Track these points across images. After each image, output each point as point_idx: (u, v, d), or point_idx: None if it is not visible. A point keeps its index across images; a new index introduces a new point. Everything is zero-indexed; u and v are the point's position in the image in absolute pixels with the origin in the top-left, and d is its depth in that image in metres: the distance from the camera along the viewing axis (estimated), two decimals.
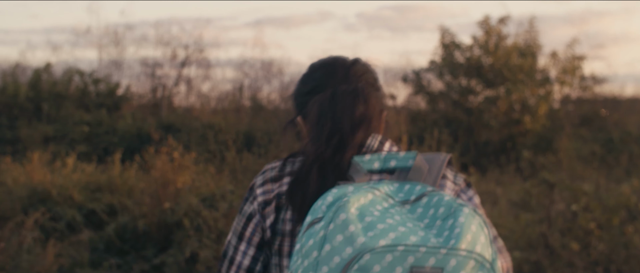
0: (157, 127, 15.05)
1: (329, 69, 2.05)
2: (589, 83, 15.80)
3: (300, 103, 2.06)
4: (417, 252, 1.58)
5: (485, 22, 15.09)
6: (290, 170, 1.95)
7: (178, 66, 19.78)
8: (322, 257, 1.60)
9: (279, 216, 1.91)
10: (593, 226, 6.55)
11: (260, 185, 1.95)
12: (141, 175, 9.56)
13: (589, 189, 6.79)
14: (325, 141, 1.89)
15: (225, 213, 6.70)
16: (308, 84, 2.06)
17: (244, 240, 1.95)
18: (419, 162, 1.88)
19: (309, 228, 1.66)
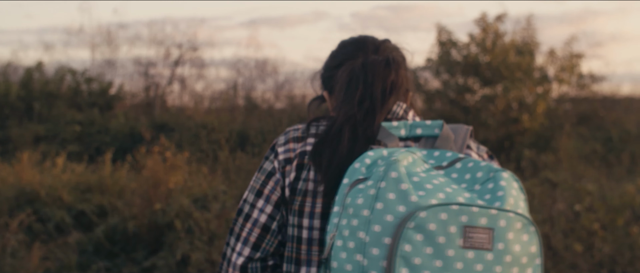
0: (150, 126, 14.89)
1: (360, 45, 2.06)
2: (587, 81, 15.60)
3: (328, 77, 2.08)
4: (470, 211, 1.58)
5: (482, 19, 14.88)
6: (315, 132, 1.93)
7: (171, 65, 19.63)
8: (374, 215, 1.58)
9: (300, 176, 1.88)
10: (597, 226, 6.35)
11: (283, 144, 1.94)
12: (133, 175, 9.35)
13: (592, 189, 6.58)
14: (357, 105, 1.88)
15: (217, 214, 6.49)
16: (337, 58, 2.07)
17: (261, 197, 1.92)
18: (446, 131, 1.88)
19: (351, 188, 1.64)
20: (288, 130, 1.99)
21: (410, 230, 1.54)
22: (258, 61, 20.81)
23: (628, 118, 15.32)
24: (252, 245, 1.93)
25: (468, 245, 1.58)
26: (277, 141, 1.97)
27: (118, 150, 12.95)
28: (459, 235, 1.57)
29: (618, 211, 6.31)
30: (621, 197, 6.53)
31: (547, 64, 15.19)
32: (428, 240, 1.55)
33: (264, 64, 19.86)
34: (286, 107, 17.26)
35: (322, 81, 2.13)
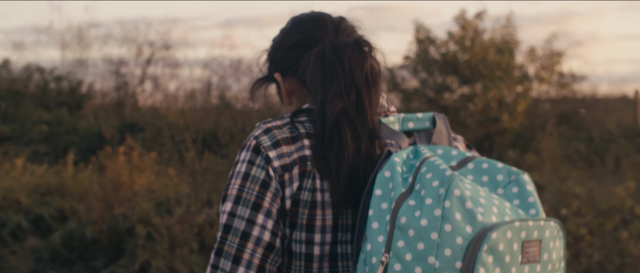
0: (120, 126, 14.50)
1: (318, 23, 1.87)
2: (568, 80, 15.30)
3: (282, 58, 1.88)
4: (527, 226, 1.55)
5: (461, 16, 14.53)
6: (306, 131, 1.73)
7: (143, 64, 19.25)
8: (443, 238, 1.50)
9: (304, 185, 1.68)
10: (584, 231, 5.99)
11: (272, 147, 1.70)
12: (96, 177, 8.90)
13: (580, 192, 6.21)
14: (345, 96, 1.72)
15: (180, 220, 6.06)
16: (292, 36, 1.87)
17: (260, 211, 1.67)
18: (440, 124, 1.80)
19: (399, 204, 1.55)
20: (267, 127, 1.74)
21: (484, 252, 1.49)
22: (233, 60, 20.48)
23: (608, 117, 15.07)
24: (257, 267, 1.68)
25: (525, 260, 1.56)
26: (260, 142, 1.71)
27: (86, 151, 12.56)
28: (519, 252, 1.55)
29: (607, 216, 5.94)
30: (610, 201, 6.16)
31: (528, 62, 14.88)
32: (497, 260, 1.51)
33: (238, 63, 19.54)
34: (261, 107, 16.92)
35: (272, 61, 1.92)
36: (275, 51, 1.91)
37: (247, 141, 1.73)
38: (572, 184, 6.61)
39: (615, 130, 13.87)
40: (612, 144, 12.88)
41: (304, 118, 1.77)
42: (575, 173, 9.17)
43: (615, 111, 15.91)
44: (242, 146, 1.75)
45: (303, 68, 1.82)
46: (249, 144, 1.72)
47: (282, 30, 1.93)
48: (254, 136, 1.73)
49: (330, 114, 1.70)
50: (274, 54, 1.91)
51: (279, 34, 1.93)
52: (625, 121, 15.12)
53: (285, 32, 1.91)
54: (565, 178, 8.93)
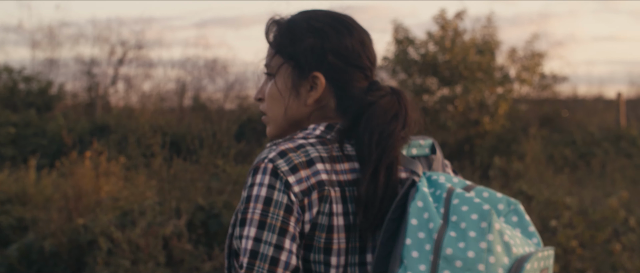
0: (90, 128, 14.09)
1: (366, 40, 1.90)
2: (549, 82, 15.00)
3: (339, 66, 1.85)
4: (544, 256, 1.67)
5: (441, 16, 14.19)
6: (319, 155, 1.75)
7: (115, 64, 18.81)
8: (488, 269, 1.61)
9: (322, 209, 1.72)
10: (575, 244, 5.64)
11: (291, 171, 1.71)
12: (61, 183, 8.45)
13: (571, 202, 5.86)
14: (391, 132, 1.77)
15: (144, 232, 5.65)
16: (361, 54, 1.87)
17: (287, 236, 1.70)
18: (438, 151, 1.90)
19: (441, 235, 1.64)
20: (281, 150, 1.74)
21: None
22: (207, 60, 20.11)
23: (590, 120, 14.81)
24: None
25: None
26: (278, 166, 1.72)
27: (55, 154, 12.14)
28: None
29: (599, 227, 5.59)
30: (603, 211, 5.81)
31: (509, 64, 14.58)
32: None
33: (213, 63, 19.17)
34: (236, 108, 16.58)
35: (320, 59, 1.85)
36: (332, 52, 1.85)
37: (260, 164, 1.72)
38: (562, 194, 6.27)
39: (598, 133, 13.60)
40: (595, 148, 12.61)
41: (313, 140, 1.78)
42: (561, 179, 8.83)
43: (595, 113, 15.65)
44: (255, 168, 1.73)
45: (354, 94, 1.82)
46: (264, 167, 1.71)
47: (331, 24, 1.87)
48: (268, 158, 1.72)
49: (374, 147, 1.74)
50: (327, 52, 1.85)
51: (334, 32, 1.86)
52: (607, 123, 14.87)
53: (337, 29, 1.86)
54: (550, 183, 8.60)
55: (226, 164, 7.47)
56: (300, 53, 1.86)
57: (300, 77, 1.85)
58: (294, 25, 1.90)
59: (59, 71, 19.16)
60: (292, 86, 1.86)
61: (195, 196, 6.94)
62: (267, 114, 1.92)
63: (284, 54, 1.88)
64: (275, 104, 1.89)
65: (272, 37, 1.94)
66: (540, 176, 8.81)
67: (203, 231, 6.52)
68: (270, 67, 1.92)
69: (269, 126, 1.93)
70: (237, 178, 7.29)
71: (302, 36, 1.87)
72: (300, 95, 1.86)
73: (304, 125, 1.88)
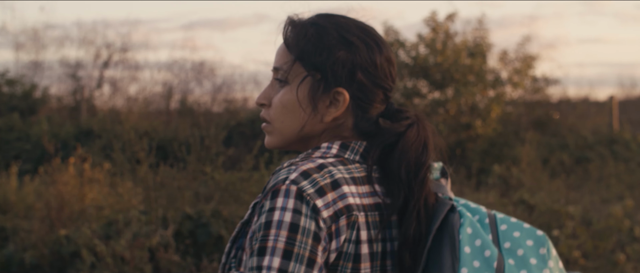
0: (75, 133, 13.85)
1: (392, 58, 1.78)
2: (541, 85, 14.81)
3: (367, 86, 1.72)
4: None
5: (432, 18, 13.98)
6: (343, 176, 1.63)
7: (101, 66, 18.55)
8: None
9: (349, 237, 1.59)
10: (577, 254, 5.42)
11: (317, 194, 1.57)
12: (44, 191, 8.17)
13: (574, 211, 5.64)
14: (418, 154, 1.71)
15: (129, 244, 5.40)
16: (375, 60, 1.72)
17: (315, 268, 1.56)
18: (447, 174, 1.85)
19: (503, 265, 1.59)
20: (303, 170, 1.60)
21: None
22: (194, 62, 19.88)
23: (583, 123, 14.63)
24: None
25: None
26: (303, 188, 1.56)
27: (39, 159, 11.88)
28: None
29: (603, 237, 5.37)
30: (607, 221, 5.60)
31: (500, 66, 14.38)
32: None
33: (201, 66, 18.95)
34: (223, 111, 16.37)
35: (350, 73, 1.70)
36: (361, 69, 1.70)
37: (280, 185, 1.57)
38: (564, 203, 6.06)
39: (591, 137, 13.43)
40: (588, 152, 12.43)
41: (332, 160, 1.66)
42: (557, 184, 8.63)
43: (588, 116, 15.48)
44: (275, 191, 1.57)
45: (374, 115, 1.72)
46: (286, 189, 1.56)
47: (368, 45, 1.72)
48: (291, 180, 1.57)
49: (425, 189, 1.68)
50: (357, 68, 1.70)
51: (365, 46, 1.71)
52: (600, 126, 14.70)
53: (369, 46, 1.72)
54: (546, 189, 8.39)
55: (215, 171, 7.22)
56: (329, 66, 1.69)
57: (323, 91, 1.70)
58: (324, 34, 1.72)
59: (44, 74, 19.00)
60: (311, 99, 1.70)
61: (183, 204, 6.70)
62: (273, 123, 1.75)
63: (308, 63, 1.71)
64: (287, 116, 1.72)
65: (292, 41, 1.74)
66: (537, 181, 8.60)
67: (191, 241, 6.28)
68: (286, 73, 1.73)
69: (272, 136, 1.77)
70: (225, 185, 7.05)
71: (332, 47, 1.70)
72: (317, 110, 1.70)
73: (313, 142, 1.76)
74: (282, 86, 1.73)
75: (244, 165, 7.34)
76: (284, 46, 1.75)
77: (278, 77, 1.74)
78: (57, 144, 7.90)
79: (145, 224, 5.95)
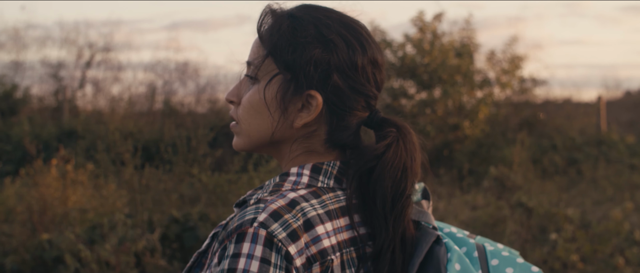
0: (57, 133, 13.65)
1: (379, 59, 1.57)
2: (529, 85, 14.72)
3: (331, 82, 1.50)
4: None
5: (419, 18, 13.86)
6: (317, 214, 1.43)
7: (83, 66, 18.36)
8: None
9: None
10: (575, 258, 5.29)
11: (289, 238, 1.37)
12: (25, 194, 7.96)
13: (573, 215, 5.51)
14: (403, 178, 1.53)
15: (114, 249, 5.22)
16: (356, 61, 1.51)
17: None
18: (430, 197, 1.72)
19: None
20: (272, 210, 1.39)
21: None
22: (178, 63, 19.71)
23: (570, 124, 14.56)
24: None
25: None
26: (274, 233, 1.36)
27: (20, 160, 11.67)
28: None
29: (602, 241, 5.24)
30: (606, 224, 5.47)
31: (488, 67, 14.28)
32: None
33: (185, 66, 18.78)
34: (207, 112, 16.20)
35: (319, 72, 1.49)
36: (338, 71, 1.50)
37: (246, 228, 1.37)
38: (563, 206, 5.93)
39: (579, 138, 13.35)
40: (576, 153, 12.35)
41: (304, 192, 1.45)
42: (550, 186, 8.51)
43: (575, 117, 15.42)
44: (240, 234, 1.37)
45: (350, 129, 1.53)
46: (255, 233, 1.36)
47: (349, 43, 1.52)
48: (259, 222, 1.38)
49: (403, 221, 1.50)
50: (333, 70, 1.49)
51: (345, 45, 1.50)
52: (587, 127, 14.64)
53: (350, 46, 1.51)
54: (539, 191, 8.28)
55: (202, 173, 7.04)
56: (300, 65, 1.49)
57: (294, 92, 1.49)
58: (299, 28, 1.51)
59: (25, 74, 18.83)
60: (280, 101, 1.50)
61: (169, 207, 6.52)
62: (240, 123, 1.56)
63: (279, 60, 1.51)
64: (254, 117, 1.53)
65: (265, 33, 1.53)
66: (529, 183, 8.48)
67: (178, 245, 6.10)
68: (256, 70, 1.53)
69: (239, 138, 1.58)
70: (213, 187, 6.87)
71: (307, 44, 1.49)
72: (287, 113, 1.50)
73: (283, 149, 1.56)
74: (252, 83, 1.55)
75: (231, 167, 7.16)
76: (258, 38, 1.56)
77: (249, 73, 1.56)
78: (39, 145, 7.67)
79: (131, 228, 5.77)
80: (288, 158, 1.55)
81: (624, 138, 13.55)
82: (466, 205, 8.58)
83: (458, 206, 8.61)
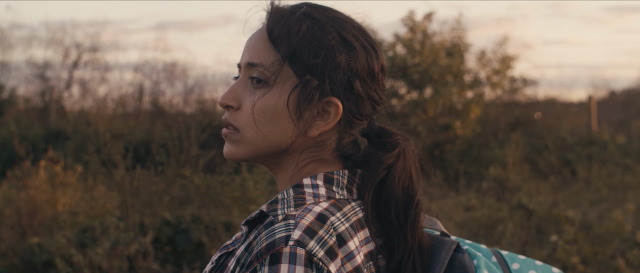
0: (44, 134, 13.51)
1: (385, 65, 1.54)
2: (519, 85, 14.67)
3: (353, 89, 1.43)
4: None
5: (409, 18, 13.78)
6: (346, 229, 1.33)
7: (70, 67, 18.22)
8: None
9: None
10: (576, 260, 5.21)
11: (329, 257, 1.26)
12: (13, 196, 7.82)
13: (574, 216, 5.43)
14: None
15: (107, 254, 5.10)
16: (373, 67, 1.46)
17: None
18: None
19: None
20: (306, 226, 1.29)
21: None
22: (166, 63, 19.61)
23: (561, 124, 14.53)
24: None
25: None
26: (312, 251, 1.26)
27: (7, 162, 11.55)
28: None
29: (603, 243, 5.16)
30: (607, 226, 5.40)
31: (479, 67, 14.22)
32: None
33: (172, 67, 18.67)
34: (196, 112, 16.10)
35: (339, 79, 1.41)
36: (359, 77, 1.43)
37: (281, 247, 1.26)
38: (561, 207, 5.86)
39: (570, 138, 13.31)
40: (567, 153, 12.30)
41: (325, 204, 1.36)
42: (544, 187, 8.44)
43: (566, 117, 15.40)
44: (275, 254, 1.25)
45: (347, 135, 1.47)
46: (292, 252, 1.25)
47: (366, 48, 1.46)
48: (295, 240, 1.26)
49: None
50: (355, 76, 1.43)
51: (363, 51, 1.45)
52: (578, 127, 14.62)
53: (368, 56, 1.45)
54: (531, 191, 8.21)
55: (194, 175, 6.92)
56: (327, 71, 1.40)
57: (312, 99, 1.39)
58: (322, 31, 1.42)
59: (11, 75, 18.71)
60: (296, 107, 1.40)
61: (161, 210, 6.40)
62: (243, 131, 1.43)
63: (300, 64, 1.40)
64: (267, 125, 1.41)
65: (280, 34, 1.41)
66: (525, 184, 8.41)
67: (170, 248, 5.98)
68: (269, 73, 1.40)
69: (239, 146, 1.44)
70: (206, 189, 6.75)
71: (333, 49, 1.41)
72: (303, 121, 1.41)
73: (288, 161, 1.45)
74: (259, 88, 1.41)
75: (224, 168, 7.04)
76: (267, 38, 1.43)
77: (255, 76, 1.42)
78: (26, 146, 7.53)
79: (123, 231, 5.64)
80: (294, 168, 1.44)
81: (615, 138, 13.52)
82: (460, 206, 8.51)
83: (451, 208, 8.53)
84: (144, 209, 6.43)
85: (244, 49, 1.47)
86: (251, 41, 1.45)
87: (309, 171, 1.43)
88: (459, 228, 7.00)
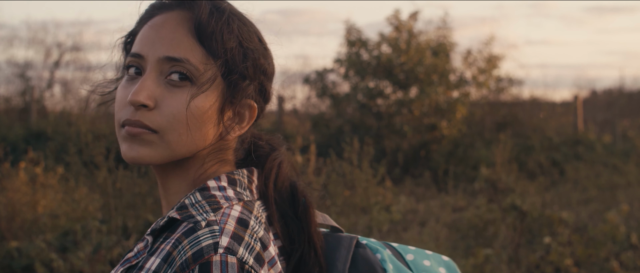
0: (25, 135, 13.32)
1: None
2: (505, 85, 14.60)
3: (266, 91, 1.41)
4: None
5: (395, 17, 13.66)
6: (262, 229, 1.29)
7: (51, 66, 18.02)
8: None
9: None
10: (569, 263, 5.11)
11: (258, 264, 1.20)
12: None
13: (568, 217, 5.33)
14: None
15: (89, 258, 4.95)
16: (274, 69, 1.45)
17: None
18: None
19: None
20: (232, 230, 1.20)
21: None
22: None
23: (547, 123, 14.48)
24: None
25: None
26: (243, 258, 1.17)
27: None
28: None
29: (599, 245, 5.06)
30: (602, 228, 5.29)
31: (464, 67, 14.13)
32: None
33: None
34: None
35: (260, 81, 1.39)
36: (269, 79, 1.41)
37: (211, 256, 1.16)
38: (552, 208, 5.75)
39: (556, 138, 13.26)
40: (554, 152, 12.25)
41: (238, 207, 1.29)
42: (532, 187, 8.35)
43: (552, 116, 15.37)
44: (203, 264, 1.15)
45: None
46: (222, 261, 1.15)
47: (268, 49, 1.41)
48: (224, 247, 1.17)
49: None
50: (268, 77, 1.41)
51: (269, 52, 1.41)
52: (564, 127, 14.59)
53: (273, 63, 1.43)
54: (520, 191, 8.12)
55: None
56: (252, 73, 1.34)
57: (233, 101, 1.32)
58: (248, 33, 1.36)
59: None
60: (219, 110, 1.31)
61: (145, 212, 6.25)
62: (164, 133, 1.28)
63: (230, 66, 1.31)
64: (192, 128, 1.29)
65: (212, 30, 1.30)
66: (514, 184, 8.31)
67: None
68: (196, 72, 1.29)
69: (152, 149, 1.29)
70: None
71: (257, 52, 1.36)
72: (223, 125, 1.34)
73: (193, 166, 1.34)
74: (180, 86, 1.29)
75: None
76: (191, 31, 1.30)
77: (178, 72, 1.28)
78: (6, 147, 7.36)
79: (106, 234, 5.49)
80: (197, 171, 1.34)
81: (601, 138, 13.47)
82: (448, 207, 8.41)
83: (437, 208, 8.43)
84: (127, 211, 6.27)
85: (151, 39, 1.32)
86: (164, 31, 1.31)
87: (211, 173, 1.35)
88: (448, 229, 6.89)
